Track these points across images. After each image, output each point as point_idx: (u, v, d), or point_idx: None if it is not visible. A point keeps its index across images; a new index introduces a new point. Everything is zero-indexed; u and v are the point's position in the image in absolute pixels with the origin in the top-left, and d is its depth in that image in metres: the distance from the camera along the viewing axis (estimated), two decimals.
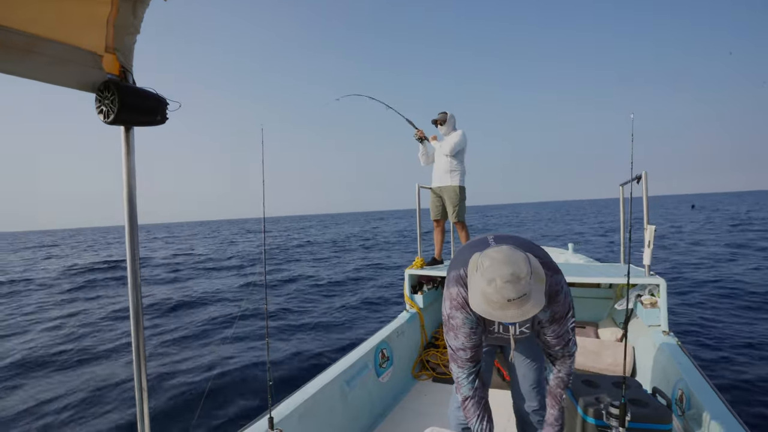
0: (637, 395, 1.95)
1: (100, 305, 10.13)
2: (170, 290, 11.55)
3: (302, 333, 6.98)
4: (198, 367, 5.70)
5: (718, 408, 1.84)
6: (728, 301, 7.21)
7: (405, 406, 2.96)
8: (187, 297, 10.35)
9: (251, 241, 32.81)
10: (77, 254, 27.81)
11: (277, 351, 5.91)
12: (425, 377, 3.41)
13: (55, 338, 7.24)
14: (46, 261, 23.75)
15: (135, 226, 1.26)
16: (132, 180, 1.26)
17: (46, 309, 9.93)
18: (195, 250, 26.75)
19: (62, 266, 19.14)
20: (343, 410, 2.46)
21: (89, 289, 12.60)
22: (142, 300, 1.29)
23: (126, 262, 1.26)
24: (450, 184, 3.91)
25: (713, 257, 12.06)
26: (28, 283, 14.43)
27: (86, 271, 16.64)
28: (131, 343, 1.27)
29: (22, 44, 1.00)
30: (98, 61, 1.18)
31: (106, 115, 1.15)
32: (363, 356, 2.79)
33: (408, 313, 3.63)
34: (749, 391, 3.99)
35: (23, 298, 11.60)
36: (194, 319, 8.26)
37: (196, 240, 39.06)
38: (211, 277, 14.34)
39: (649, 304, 2.88)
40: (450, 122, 3.94)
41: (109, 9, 1.11)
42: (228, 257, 20.51)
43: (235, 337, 7.18)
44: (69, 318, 8.85)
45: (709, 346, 5.19)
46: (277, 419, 1.88)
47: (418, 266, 3.73)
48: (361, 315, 8.14)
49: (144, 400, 1.29)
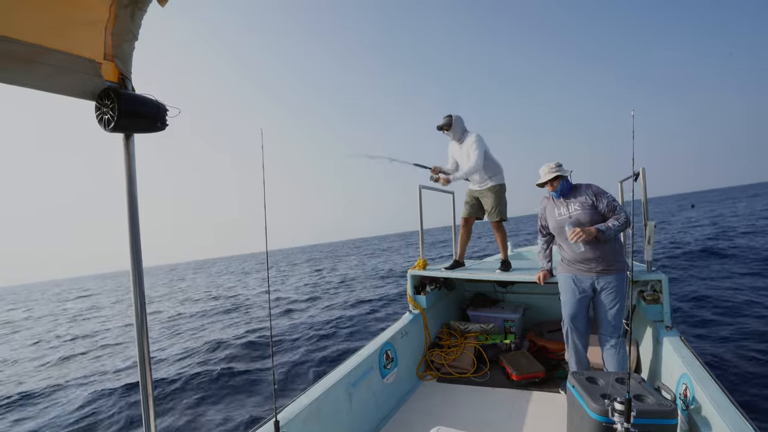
0: (641, 391, 1.95)
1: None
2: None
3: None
4: (205, 372, 5.72)
5: (722, 402, 1.84)
6: (731, 294, 7.19)
7: (410, 407, 2.96)
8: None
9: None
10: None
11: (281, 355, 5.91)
12: (430, 377, 3.41)
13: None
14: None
15: (137, 234, 1.27)
16: (133, 187, 1.26)
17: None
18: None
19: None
20: (348, 412, 2.46)
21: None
22: (145, 303, 1.30)
23: (129, 269, 1.27)
24: (488, 186, 3.66)
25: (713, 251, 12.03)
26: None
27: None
28: (136, 348, 1.28)
29: (22, 54, 1.01)
30: (97, 69, 1.18)
31: (107, 123, 1.16)
32: (367, 358, 2.79)
33: (411, 314, 3.63)
34: (753, 385, 3.98)
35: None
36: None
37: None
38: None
39: (652, 300, 2.88)
40: (457, 126, 3.64)
41: (107, 17, 1.12)
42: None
43: (241, 344, 7.19)
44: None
45: (712, 340, 5.18)
46: (283, 422, 1.89)
47: (421, 267, 3.73)
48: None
49: (150, 406, 1.29)
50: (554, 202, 2.82)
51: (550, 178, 2.72)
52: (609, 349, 2.67)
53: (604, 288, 2.63)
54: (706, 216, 26.01)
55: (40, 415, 5.23)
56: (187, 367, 6.25)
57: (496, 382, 3.23)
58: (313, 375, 5.38)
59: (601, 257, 2.60)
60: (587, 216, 2.61)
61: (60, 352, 9.48)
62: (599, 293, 2.66)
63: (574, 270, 2.73)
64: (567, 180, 2.76)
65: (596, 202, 2.64)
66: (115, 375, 6.67)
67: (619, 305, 2.62)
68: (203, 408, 4.70)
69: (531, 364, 3.25)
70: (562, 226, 2.70)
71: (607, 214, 2.62)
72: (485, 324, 3.90)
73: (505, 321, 3.94)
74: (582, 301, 2.72)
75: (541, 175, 2.78)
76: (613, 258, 2.62)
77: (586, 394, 1.96)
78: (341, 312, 9.54)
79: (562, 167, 2.75)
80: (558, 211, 2.76)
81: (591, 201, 2.65)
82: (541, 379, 3.15)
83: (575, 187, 2.79)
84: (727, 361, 4.49)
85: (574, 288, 2.72)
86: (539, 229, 3.00)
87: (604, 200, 2.62)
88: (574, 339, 2.78)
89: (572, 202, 2.71)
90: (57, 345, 10.52)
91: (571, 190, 2.78)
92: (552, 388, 3.06)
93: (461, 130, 3.67)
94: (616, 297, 2.61)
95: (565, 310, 2.80)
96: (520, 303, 4.36)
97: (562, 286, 2.84)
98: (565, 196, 2.77)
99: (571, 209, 2.69)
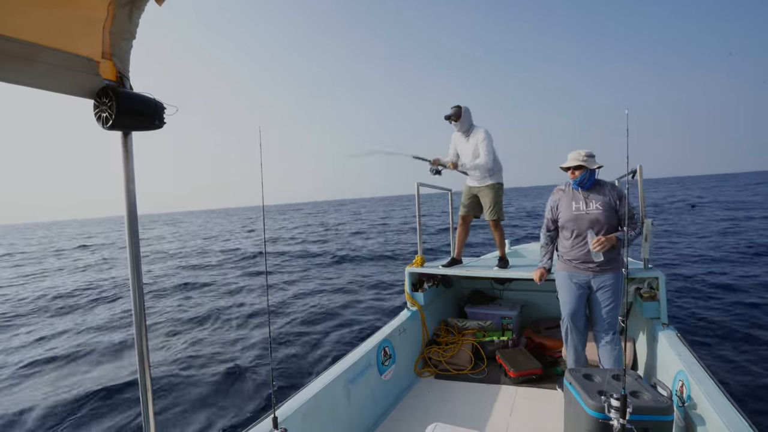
0: (637, 387, 1.97)
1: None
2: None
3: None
4: (203, 366, 5.72)
5: (718, 398, 1.86)
6: (726, 293, 7.23)
7: (408, 403, 2.98)
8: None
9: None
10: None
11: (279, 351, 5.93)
12: (428, 374, 3.42)
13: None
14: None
15: (135, 230, 1.27)
16: (131, 185, 1.26)
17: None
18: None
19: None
20: (346, 408, 2.47)
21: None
22: (144, 301, 1.30)
23: (127, 264, 1.27)
24: (488, 183, 3.67)
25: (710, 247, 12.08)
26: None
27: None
28: (135, 344, 1.29)
29: (19, 52, 1.01)
30: (95, 68, 1.18)
31: (105, 121, 1.16)
32: (365, 354, 2.80)
33: (409, 311, 3.64)
34: (749, 381, 4.01)
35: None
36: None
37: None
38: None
39: (648, 297, 2.91)
40: (466, 117, 3.62)
41: (104, 15, 1.11)
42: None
43: (239, 337, 7.19)
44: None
45: (708, 337, 5.21)
46: (281, 418, 1.90)
47: (419, 264, 3.74)
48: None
49: (149, 401, 1.30)
50: (572, 193, 2.75)
51: (573, 165, 2.64)
52: (604, 346, 2.69)
53: (600, 286, 2.65)
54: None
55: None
56: (184, 361, 6.25)
57: (494, 379, 3.25)
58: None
59: (602, 258, 2.62)
60: (606, 218, 2.59)
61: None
62: (595, 291, 2.68)
63: (571, 268, 2.75)
64: (592, 173, 2.67)
65: (618, 206, 2.61)
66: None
67: (614, 303, 2.64)
68: (200, 403, 4.70)
69: (528, 361, 3.27)
70: (579, 221, 2.66)
71: (624, 219, 2.59)
72: (483, 321, 3.91)
73: (502, 318, 3.95)
74: (581, 298, 2.74)
75: (567, 159, 2.69)
76: (610, 257, 2.63)
77: (582, 390, 1.97)
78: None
79: (591, 159, 2.65)
80: (576, 205, 2.69)
81: (614, 204, 2.62)
82: (539, 376, 3.17)
83: (598, 183, 2.72)
84: (725, 359, 4.53)
85: (573, 286, 2.74)
86: (546, 224, 2.91)
87: (626, 205, 2.55)
88: (573, 337, 2.80)
89: (593, 199, 2.66)
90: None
91: (594, 185, 2.71)
92: (549, 384, 3.08)
93: (469, 122, 3.68)
94: (612, 295, 2.63)
95: (564, 309, 2.81)
96: (517, 300, 4.38)
97: (560, 285, 2.85)
98: (585, 189, 2.71)
99: (591, 206, 2.64)
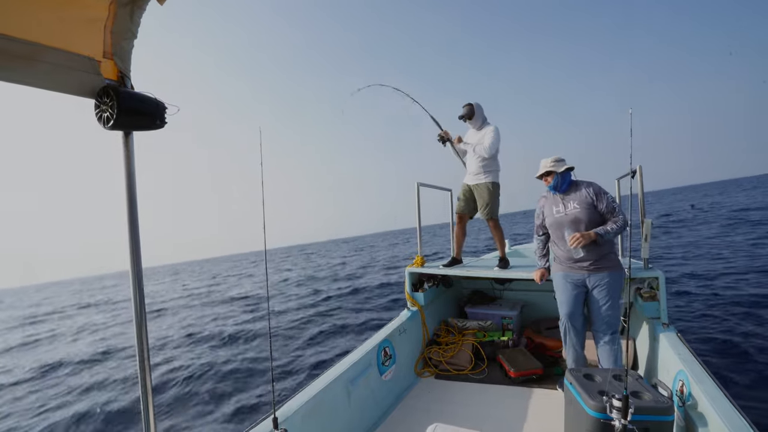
0: (638, 387, 1.97)
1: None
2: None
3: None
4: (203, 368, 5.71)
5: (719, 398, 1.85)
6: (726, 293, 7.24)
7: (408, 404, 2.97)
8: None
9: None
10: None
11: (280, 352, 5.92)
12: (428, 374, 3.42)
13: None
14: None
15: (136, 231, 1.27)
16: (132, 185, 1.26)
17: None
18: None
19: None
20: (347, 409, 2.47)
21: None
22: (144, 301, 1.30)
23: (128, 267, 1.27)
24: (484, 182, 3.71)
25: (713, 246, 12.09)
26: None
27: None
28: (135, 348, 1.28)
29: (21, 52, 1.01)
30: (96, 67, 1.18)
31: (106, 121, 1.16)
32: (366, 355, 2.80)
33: (409, 311, 3.64)
34: (749, 381, 4.01)
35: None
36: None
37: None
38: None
39: (649, 297, 2.91)
40: (479, 115, 3.68)
41: (106, 14, 1.11)
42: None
43: (240, 338, 7.19)
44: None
45: (708, 337, 5.22)
46: (282, 419, 1.89)
47: (419, 264, 3.74)
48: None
49: (149, 400, 1.29)
50: (553, 198, 2.83)
51: (541, 173, 2.79)
52: (602, 346, 2.69)
53: (596, 285, 2.65)
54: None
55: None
56: (185, 363, 6.25)
57: (494, 379, 3.25)
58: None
59: (591, 256, 2.62)
60: (586, 215, 2.63)
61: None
62: (591, 291, 2.68)
63: (566, 268, 2.75)
64: (563, 176, 2.75)
65: (596, 201, 2.65)
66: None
67: (611, 302, 2.63)
68: (201, 404, 4.71)
69: (528, 361, 3.27)
70: (560, 223, 2.72)
71: (606, 215, 2.64)
72: (483, 321, 3.91)
73: (502, 318, 3.95)
74: (577, 298, 2.74)
75: (539, 168, 2.82)
76: (603, 256, 2.63)
77: (583, 390, 1.97)
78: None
79: (558, 163, 2.75)
80: (556, 209, 2.77)
81: (591, 200, 2.66)
82: (539, 376, 3.17)
83: (575, 183, 2.79)
84: (725, 359, 4.53)
85: (569, 286, 2.74)
86: (536, 230, 3.00)
87: (603, 201, 2.63)
88: (571, 337, 2.80)
89: (570, 200, 2.72)
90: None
91: (570, 186, 2.78)
92: (549, 384, 3.08)
93: (482, 118, 3.73)
94: (608, 294, 2.63)
95: (561, 309, 2.81)
96: (517, 300, 4.38)
97: (556, 285, 2.85)
98: (563, 192, 2.78)
99: (569, 207, 2.70)
